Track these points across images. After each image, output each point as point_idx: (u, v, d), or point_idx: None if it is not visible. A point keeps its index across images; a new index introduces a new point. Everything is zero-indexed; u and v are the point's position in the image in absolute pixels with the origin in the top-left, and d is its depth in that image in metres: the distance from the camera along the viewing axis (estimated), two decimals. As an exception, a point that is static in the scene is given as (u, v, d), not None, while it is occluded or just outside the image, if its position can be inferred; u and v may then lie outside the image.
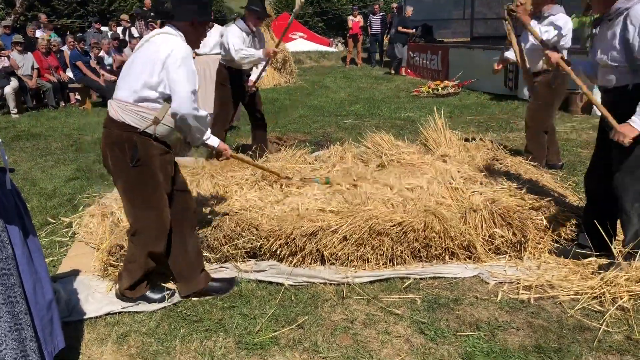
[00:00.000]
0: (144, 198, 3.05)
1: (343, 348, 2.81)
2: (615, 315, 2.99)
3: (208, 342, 2.90)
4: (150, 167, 3.01)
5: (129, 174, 3.00)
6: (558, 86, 5.26)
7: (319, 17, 27.06)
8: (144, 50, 3.00)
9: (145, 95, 2.93)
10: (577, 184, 5.09)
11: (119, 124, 2.96)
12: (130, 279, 3.22)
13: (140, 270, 3.20)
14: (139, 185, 3.03)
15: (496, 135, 7.27)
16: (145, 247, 3.14)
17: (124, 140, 2.96)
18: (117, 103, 2.98)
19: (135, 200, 3.07)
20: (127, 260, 3.26)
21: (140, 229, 3.12)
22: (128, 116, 2.94)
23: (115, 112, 2.97)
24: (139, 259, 3.17)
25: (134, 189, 3.04)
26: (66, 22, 22.87)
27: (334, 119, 9.21)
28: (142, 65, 2.94)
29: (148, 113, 2.95)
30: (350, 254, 3.62)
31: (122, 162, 2.99)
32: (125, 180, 3.04)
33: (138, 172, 2.99)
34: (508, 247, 3.70)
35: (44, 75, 11.57)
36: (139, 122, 2.95)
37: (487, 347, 2.77)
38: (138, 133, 2.96)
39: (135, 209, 3.09)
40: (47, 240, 4.33)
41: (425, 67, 14.82)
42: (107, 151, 3.04)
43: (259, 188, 4.57)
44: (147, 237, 3.13)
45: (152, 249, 3.15)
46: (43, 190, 5.67)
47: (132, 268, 3.21)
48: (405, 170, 4.73)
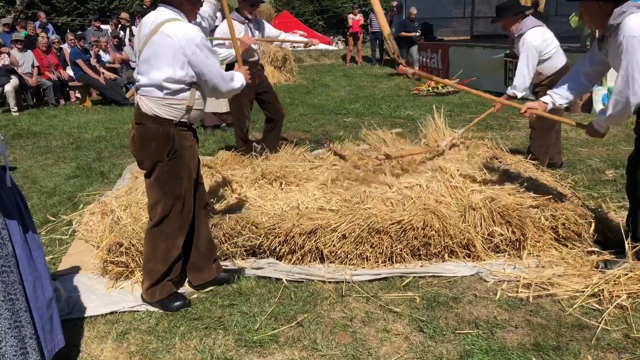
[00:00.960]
0: (175, 189, 3.08)
1: (342, 346, 2.82)
2: (614, 314, 2.99)
3: (208, 339, 2.91)
4: (184, 159, 3.07)
5: (164, 166, 3.03)
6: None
7: (319, 15, 27.04)
8: (158, 42, 2.93)
9: (174, 89, 2.96)
10: (577, 182, 5.10)
11: (154, 119, 2.99)
12: (150, 278, 3.21)
13: (160, 266, 3.18)
14: (173, 177, 3.06)
15: (496, 133, 7.27)
16: (168, 237, 3.15)
17: (160, 134, 2.99)
18: (148, 98, 2.99)
19: (167, 191, 3.08)
20: (147, 258, 3.24)
21: (166, 218, 3.13)
22: (161, 110, 2.98)
23: (149, 107, 2.98)
24: (159, 251, 3.17)
25: (167, 181, 3.07)
26: (66, 20, 22.85)
27: (334, 117, 9.21)
28: (160, 60, 2.93)
29: (180, 102, 2.99)
30: (350, 252, 3.63)
31: (159, 156, 3.01)
32: (160, 172, 3.05)
33: (173, 164, 3.03)
34: (507, 246, 3.71)
35: (44, 73, 11.58)
36: (174, 114, 3.00)
37: (485, 345, 2.77)
38: (174, 125, 3.00)
39: (166, 199, 3.09)
40: (47, 238, 4.34)
41: (425, 66, 14.81)
42: (143, 146, 3.05)
43: (258, 186, 4.57)
44: (171, 227, 3.14)
45: (174, 239, 3.17)
46: (43, 188, 5.67)
47: (152, 266, 3.20)
48: (405, 168, 4.73)
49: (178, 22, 2.96)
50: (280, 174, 4.69)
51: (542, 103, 3.82)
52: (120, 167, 6.39)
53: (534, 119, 3.81)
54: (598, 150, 6.37)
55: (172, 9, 3.02)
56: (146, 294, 3.24)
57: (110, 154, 7.19)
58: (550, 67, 5.15)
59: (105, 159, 6.88)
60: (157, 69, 2.94)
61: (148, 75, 2.97)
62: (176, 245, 3.20)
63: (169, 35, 2.90)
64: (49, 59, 11.84)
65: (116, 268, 3.58)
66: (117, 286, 3.51)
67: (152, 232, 3.20)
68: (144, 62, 3.00)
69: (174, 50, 2.89)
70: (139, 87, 3.05)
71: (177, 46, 2.89)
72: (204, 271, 3.41)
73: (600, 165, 5.70)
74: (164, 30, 2.91)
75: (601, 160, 5.90)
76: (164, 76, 2.92)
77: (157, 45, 2.93)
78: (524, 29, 5.06)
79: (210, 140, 7.55)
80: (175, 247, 3.20)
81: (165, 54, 2.91)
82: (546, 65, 5.14)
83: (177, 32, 2.90)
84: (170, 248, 3.19)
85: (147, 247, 3.24)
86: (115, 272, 3.58)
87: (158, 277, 3.19)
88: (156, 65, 2.94)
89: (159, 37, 2.92)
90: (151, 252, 3.21)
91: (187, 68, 2.94)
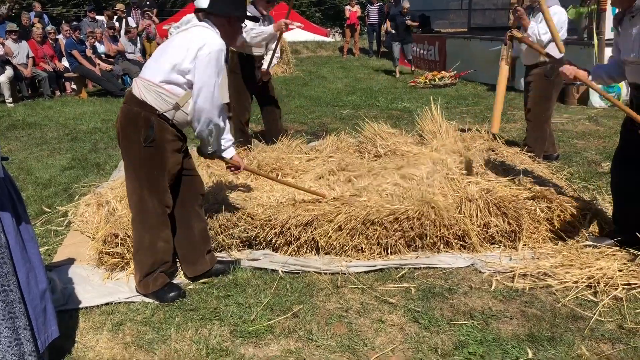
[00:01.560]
0: (150, 179, 3.05)
1: (337, 336, 2.82)
2: (608, 305, 3.01)
3: (203, 330, 2.91)
4: (162, 151, 3.03)
5: (139, 153, 3.01)
6: (556, 78, 5.25)
7: (316, 7, 26.93)
8: (179, 38, 3.05)
9: (172, 78, 2.96)
10: (573, 174, 5.11)
11: (140, 102, 2.98)
12: (140, 270, 3.19)
13: (148, 257, 3.17)
14: (147, 166, 3.03)
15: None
16: (151, 229, 3.14)
17: (141, 118, 2.97)
18: (142, 82, 3.01)
19: (141, 180, 3.06)
20: (135, 249, 3.25)
21: (143, 210, 3.11)
22: (150, 95, 2.97)
23: (139, 90, 2.99)
24: (144, 243, 3.16)
25: (141, 168, 3.04)
26: (61, 11, 22.70)
27: (331, 109, 9.20)
28: (175, 49, 2.99)
29: (170, 97, 2.98)
30: (345, 244, 3.63)
31: (135, 140, 2.99)
32: (134, 158, 3.04)
33: (149, 152, 3.00)
34: (503, 237, 3.72)
35: (39, 64, 11.51)
36: (160, 104, 2.97)
37: (480, 336, 2.78)
38: (156, 114, 2.98)
39: (142, 188, 3.07)
40: (42, 229, 4.33)
41: (422, 58, 14.78)
42: (122, 126, 3.06)
43: (254, 178, 4.57)
44: (151, 219, 3.12)
45: (157, 230, 3.15)
46: (38, 180, 5.66)
47: (140, 257, 3.19)
48: (401, 160, 4.73)
49: (208, 30, 3.04)
50: (276, 166, 4.68)
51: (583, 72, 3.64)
52: (115, 158, 6.37)
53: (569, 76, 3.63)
54: (594, 143, 6.38)
55: (211, 24, 3.08)
56: (140, 286, 3.23)
57: (105, 145, 7.17)
58: (553, 52, 5.15)
59: (100, 151, 6.86)
60: (168, 54, 2.99)
61: (158, 59, 3.04)
62: (161, 236, 3.18)
63: (192, 32, 3.02)
64: (44, 49, 11.77)
65: (111, 259, 3.57)
66: (113, 277, 3.51)
67: (134, 223, 3.20)
68: (161, 49, 3.10)
69: (189, 45, 2.95)
70: (142, 70, 3.09)
71: (198, 41, 2.94)
72: (198, 263, 3.39)
73: (596, 158, 5.71)
74: (190, 30, 3.06)
75: (597, 152, 5.91)
76: (172, 62, 2.95)
77: (179, 38, 3.04)
78: (550, 3, 5.10)
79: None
80: (160, 238, 3.18)
81: (181, 45, 2.97)
82: (549, 49, 5.14)
83: (202, 34, 2.99)
84: (155, 240, 3.16)
85: (134, 239, 3.25)
86: (110, 263, 3.57)
87: (147, 269, 3.18)
88: (169, 52, 3.01)
89: (184, 33, 3.07)
90: (137, 243, 3.21)
91: (194, 64, 2.94)
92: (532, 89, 5.36)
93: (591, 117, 7.73)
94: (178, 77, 2.96)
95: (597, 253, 3.50)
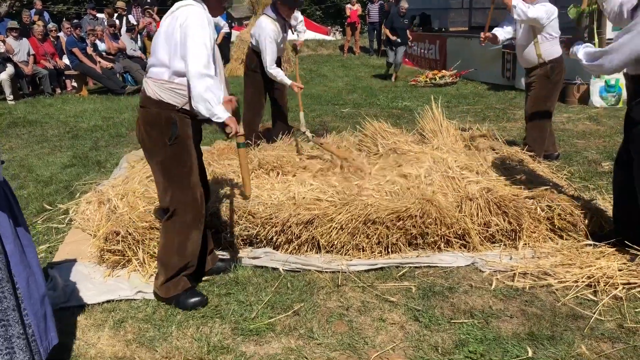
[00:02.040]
0: (182, 176, 3.03)
1: (338, 334, 2.83)
2: (608, 304, 3.02)
3: (204, 328, 2.92)
4: (187, 146, 3.02)
5: (166, 152, 2.98)
6: (556, 77, 5.26)
7: (316, 5, 26.91)
8: (166, 24, 2.96)
9: (177, 69, 2.90)
10: (573, 174, 5.12)
11: (157, 102, 2.95)
12: (165, 273, 3.12)
13: (176, 260, 3.11)
14: (177, 164, 3.01)
15: (493, 125, 7.28)
16: (181, 230, 3.08)
17: (162, 118, 2.95)
18: (152, 81, 2.96)
19: (172, 178, 3.02)
20: (161, 251, 3.17)
21: (177, 209, 3.05)
22: (164, 93, 2.93)
23: (153, 91, 2.95)
24: (174, 245, 3.09)
25: (171, 167, 3.01)
26: (62, 9, 22.69)
27: (332, 107, 9.20)
28: (166, 38, 2.92)
29: (184, 89, 2.94)
30: (346, 243, 3.64)
31: (160, 141, 2.97)
32: (162, 158, 3.00)
33: (175, 150, 2.98)
34: (503, 236, 3.73)
35: (40, 61, 11.51)
36: (176, 99, 2.95)
37: (480, 335, 2.79)
38: (176, 110, 2.96)
39: (173, 188, 3.03)
40: (43, 227, 4.34)
41: (423, 57, 14.78)
42: (145, 130, 3.01)
43: (255, 176, 4.57)
44: (184, 218, 3.07)
45: (188, 231, 3.09)
46: (40, 177, 5.66)
47: (167, 259, 3.12)
48: (402, 159, 4.73)
49: (191, 7, 2.93)
50: (277, 164, 4.68)
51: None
52: (116, 156, 6.38)
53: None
54: (594, 142, 6.38)
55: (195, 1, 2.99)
56: (160, 289, 3.15)
57: (106, 142, 7.17)
58: (551, 52, 5.18)
59: (101, 148, 6.86)
60: (162, 46, 2.93)
61: (156, 54, 2.98)
62: (191, 238, 3.11)
63: (177, 17, 2.91)
64: (45, 47, 11.77)
65: (113, 257, 3.58)
66: (114, 275, 3.51)
67: (165, 225, 3.12)
68: (155, 43, 3.01)
69: (178, 26, 2.88)
70: (148, 69, 3.04)
71: (181, 20, 2.87)
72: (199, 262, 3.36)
73: (596, 157, 5.71)
74: (176, 13, 2.94)
75: (597, 152, 5.92)
76: (170, 52, 2.90)
77: (166, 26, 2.95)
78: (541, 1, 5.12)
79: (207, 130, 7.53)
80: (191, 240, 3.12)
81: (172, 31, 2.90)
82: (547, 48, 5.16)
83: (184, 13, 2.89)
84: (185, 241, 3.10)
85: (162, 240, 3.16)
86: (112, 261, 3.58)
87: (174, 272, 3.11)
88: (162, 43, 2.94)
89: (170, 18, 2.95)
90: (166, 245, 3.13)
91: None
92: (532, 89, 5.37)
93: (592, 116, 7.73)
94: (181, 64, 2.89)
95: (597, 252, 3.51)
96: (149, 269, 3.48)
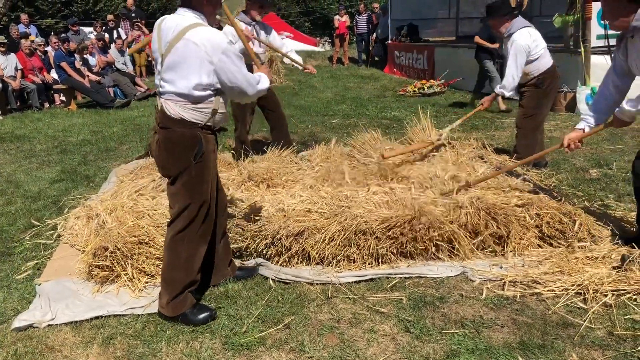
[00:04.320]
0: (203, 193, 3.02)
1: (329, 347, 2.82)
2: (598, 312, 3.02)
3: (194, 343, 2.90)
4: (209, 163, 3.02)
5: (191, 171, 2.96)
6: (547, 87, 5.30)
7: (305, 16, 27.05)
8: (183, 50, 2.84)
9: (201, 95, 2.90)
10: (561, 181, 5.15)
11: (180, 122, 2.92)
12: (171, 290, 3.06)
13: (183, 275, 3.07)
14: (200, 181, 3.00)
15: (481, 133, 7.32)
16: (190, 244, 3.05)
17: (188, 137, 2.93)
18: (174, 102, 2.92)
19: (194, 195, 3.00)
20: (167, 268, 3.09)
21: (190, 223, 3.03)
22: (188, 113, 2.92)
23: (175, 111, 2.91)
24: (181, 260, 3.05)
25: (195, 185, 2.99)
26: (50, 22, 22.64)
27: (321, 118, 9.22)
28: (187, 69, 2.85)
29: (207, 107, 2.95)
30: (337, 254, 3.63)
31: (185, 160, 2.94)
32: (188, 177, 2.97)
33: (200, 167, 2.98)
34: (492, 243, 3.73)
35: (27, 76, 11.47)
36: (199, 117, 2.95)
37: (472, 345, 2.79)
38: (200, 128, 2.96)
39: (193, 204, 3.01)
40: (31, 243, 4.30)
41: (411, 67, 14.86)
42: (167, 150, 2.97)
43: (245, 188, 4.57)
44: (194, 233, 3.05)
45: (197, 246, 3.08)
46: (27, 193, 5.62)
47: (174, 275, 3.07)
48: (391, 170, 4.75)
49: (202, 27, 2.87)
50: (267, 176, 4.68)
51: (579, 131, 3.80)
52: (105, 170, 6.34)
53: (579, 147, 3.82)
54: (582, 150, 6.42)
55: (193, 12, 2.94)
56: (166, 308, 3.08)
57: (95, 157, 7.14)
58: (538, 67, 5.21)
59: (90, 163, 6.82)
60: (184, 78, 2.86)
61: (175, 84, 2.89)
62: (199, 252, 3.11)
63: (194, 42, 2.82)
64: (33, 61, 11.74)
65: (102, 272, 3.55)
66: (103, 290, 3.48)
67: (173, 240, 3.06)
68: (169, 70, 2.90)
69: (200, 58, 2.82)
70: (163, 93, 2.97)
71: (204, 53, 2.81)
72: (220, 274, 3.43)
73: (584, 164, 5.75)
74: (188, 37, 2.83)
75: (585, 159, 5.96)
76: (192, 84, 2.85)
77: (182, 53, 2.84)
78: (513, 29, 5.15)
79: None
80: (198, 254, 3.10)
81: (192, 62, 2.84)
82: (534, 65, 5.20)
83: (203, 38, 2.82)
84: (193, 256, 3.08)
85: (168, 257, 3.09)
86: (100, 277, 3.54)
87: (180, 289, 3.06)
88: (183, 74, 2.86)
89: (184, 43, 2.84)
90: (172, 261, 3.07)
91: (213, 76, 2.88)
92: (524, 97, 5.43)
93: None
94: (204, 92, 2.90)
95: (586, 259, 3.52)
96: (138, 284, 3.45)
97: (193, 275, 3.11)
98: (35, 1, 23.21)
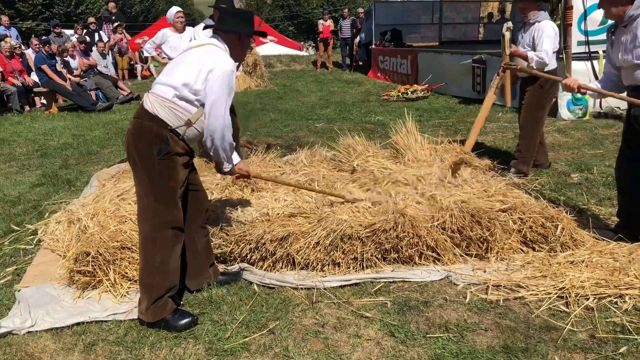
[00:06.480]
0: (166, 192, 3.00)
1: (314, 352, 2.81)
2: (580, 315, 3.05)
3: (177, 349, 2.87)
4: (175, 163, 3.01)
5: (153, 167, 2.95)
6: (549, 88, 5.39)
7: (289, 21, 27.08)
8: (192, 55, 3.06)
9: (184, 95, 2.96)
10: (543, 185, 5.20)
11: (152, 117, 2.96)
12: (149, 295, 3.01)
13: (159, 279, 3.02)
14: (163, 179, 2.98)
15: (465, 138, 7.36)
16: (163, 246, 3.02)
17: (153, 132, 2.94)
18: (154, 97, 3.00)
19: (156, 193, 2.98)
20: (142, 273, 3.06)
21: (157, 226, 3.00)
22: (163, 111, 2.95)
23: (151, 105, 2.97)
24: (155, 263, 3.00)
25: (157, 182, 2.97)
26: (31, 25, 22.39)
27: (305, 122, 9.22)
28: (188, 67, 3.00)
29: (183, 113, 2.98)
30: (322, 259, 3.62)
31: (148, 154, 2.94)
32: (148, 172, 2.97)
33: (164, 165, 2.96)
34: (476, 247, 3.75)
35: (7, 79, 11.31)
36: (172, 120, 2.97)
37: (456, 349, 2.80)
38: (168, 129, 2.96)
39: (157, 203, 2.99)
40: (11, 249, 4.23)
41: (394, 71, 14.95)
42: (134, 141, 3.00)
43: (229, 193, 4.54)
44: (165, 235, 3.02)
45: (171, 248, 3.04)
46: (7, 197, 5.53)
47: (150, 280, 3.02)
48: (374, 176, 4.76)
49: (219, 50, 3.06)
50: (251, 180, 4.65)
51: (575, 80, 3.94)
52: (87, 174, 6.27)
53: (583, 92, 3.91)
54: (563, 154, 6.51)
55: (221, 42, 3.12)
56: (145, 314, 3.03)
57: (76, 161, 7.05)
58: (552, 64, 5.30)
59: (71, 167, 6.74)
60: (181, 73, 2.99)
61: (170, 74, 3.03)
62: (173, 255, 3.06)
63: (206, 52, 3.03)
64: (13, 64, 11.57)
65: (83, 278, 3.49)
66: (84, 296, 3.43)
67: (145, 242, 3.04)
68: (173, 64, 3.10)
69: (203, 65, 2.96)
70: (154, 85, 3.07)
71: (209, 63, 2.95)
72: (201, 276, 3.39)
73: (565, 169, 5.82)
74: (205, 48, 3.07)
75: (566, 163, 6.03)
76: (184, 80, 2.95)
77: (192, 56, 3.04)
78: (540, 18, 5.27)
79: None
80: (173, 257, 3.06)
81: (195, 64, 2.98)
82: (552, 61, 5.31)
83: (216, 55, 3.01)
84: (167, 259, 3.03)
85: (143, 261, 3.05)
86: (82, 282, 3.49)
87: (158, 294, 3.01)
88: (182, 69, 3.01)
89: (198, 50, 3.08)
90: (147, 265, 3.03)
91: (204, 86, 2.95)
92: (526, 97, 5.51)
93: (560, 129, 7.89)
94: (190, 95, 2.97)
95: (568, 263, 3.56)
96: (121, 289, 3.41)
97: (170, 279, 3.07)
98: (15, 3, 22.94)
